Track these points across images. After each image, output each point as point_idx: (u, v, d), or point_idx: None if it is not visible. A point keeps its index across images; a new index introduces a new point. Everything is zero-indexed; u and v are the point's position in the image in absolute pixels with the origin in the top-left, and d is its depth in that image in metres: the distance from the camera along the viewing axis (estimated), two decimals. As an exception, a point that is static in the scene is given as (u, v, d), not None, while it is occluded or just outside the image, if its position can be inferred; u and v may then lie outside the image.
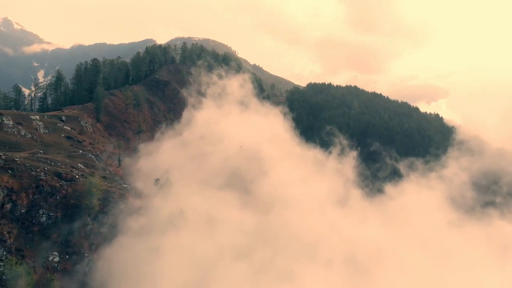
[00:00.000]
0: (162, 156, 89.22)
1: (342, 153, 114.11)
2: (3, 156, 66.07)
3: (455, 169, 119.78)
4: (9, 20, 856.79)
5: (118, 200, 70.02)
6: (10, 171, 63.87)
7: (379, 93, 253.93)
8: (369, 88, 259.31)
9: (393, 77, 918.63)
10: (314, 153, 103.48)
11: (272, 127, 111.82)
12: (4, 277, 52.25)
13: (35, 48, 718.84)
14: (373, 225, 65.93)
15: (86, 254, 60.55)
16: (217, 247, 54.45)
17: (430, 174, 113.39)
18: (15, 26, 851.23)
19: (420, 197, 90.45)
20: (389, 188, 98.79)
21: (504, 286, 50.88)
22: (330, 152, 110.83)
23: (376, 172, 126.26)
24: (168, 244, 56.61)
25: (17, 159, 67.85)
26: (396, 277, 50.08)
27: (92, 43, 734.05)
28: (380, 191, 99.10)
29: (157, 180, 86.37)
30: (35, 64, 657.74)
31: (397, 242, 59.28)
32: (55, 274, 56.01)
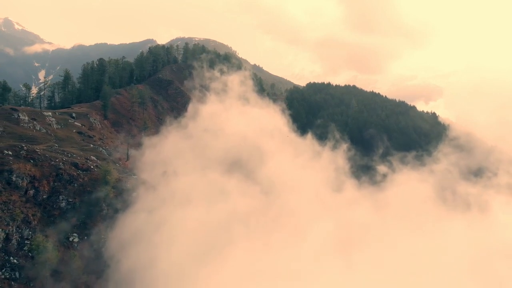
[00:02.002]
0: (167, 149, 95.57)
1: (335, 146, 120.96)
2: (25, 147, 72.11)
3: (445, 164, 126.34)
4: (10, 20, 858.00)
5: (130, 187, 76.26)
6: (32, 161, 69.90)
7: (377, 92, 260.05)
8: (369, 88, 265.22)
9: (393, 77, 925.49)
10: (310, 145, 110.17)
11: (271, 121, 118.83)
12: (30, 253, 58.38)
13: (36, 48, 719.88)
14: (364, 209, 72.24)
15: (102, 236, 66.68)
16: (225, 215, 60.92)
17: (421, 168, 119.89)
18: (16, 26, 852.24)
19: (410, 188, 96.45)
20: (381, 178, 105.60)
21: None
22: (325, 145, 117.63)
23: (370, 164, 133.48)
24: (177, 216, 63.05)
25: (37, 150, 73.91)
26: (380, 244, 56.88)
27: (93, 43, 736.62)
28: (372, 181, 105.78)
29: (164, 172, 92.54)
30: (36, 64, 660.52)
31: (384, 223, 65.78)
32: (76, 252, 62.23)
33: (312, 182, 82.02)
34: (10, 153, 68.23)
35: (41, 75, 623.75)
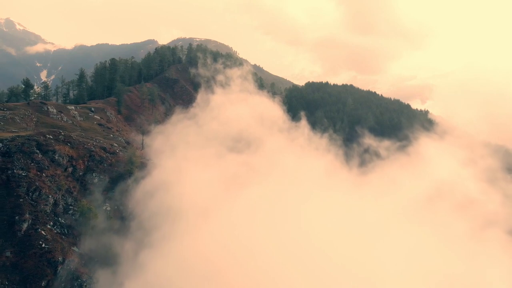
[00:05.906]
0: (176, 135, 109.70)
1: (324, 131, 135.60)
2: (62, 133, 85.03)
3: (426, 152, 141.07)
4: (11, 20, 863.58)
5: (150, 168, 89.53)
6: (69, 144, 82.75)
7: (373, 91, 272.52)
8: (369, 88, 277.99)
9: (392, 77, 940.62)
10: (303, 132, 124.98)
11: (270, 112, 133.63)
12: (73, 216, 71.29)
13: (38, 48, 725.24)
14: (350, 189, 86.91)
15: (129, 206, 79.77)
16: (236, 170, 75.34)
17: (406, 157, 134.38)
18: (18, 26, 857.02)
19: (395, 173, 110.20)
20: (365, 149, 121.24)
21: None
22: (316, 133, 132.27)
23: (355, 138, 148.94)
24: (193, 174, 77.41)
25: (72, 135, 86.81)
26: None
27: (94, 44, 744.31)
28: (358, 153, 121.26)
29: (175, 155, 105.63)
30: (38, 64, 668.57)
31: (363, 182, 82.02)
32: (110, 215, 75.62)
33: (305, 168, 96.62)
34: (51, 137, 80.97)
35: (43, 75, 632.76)
